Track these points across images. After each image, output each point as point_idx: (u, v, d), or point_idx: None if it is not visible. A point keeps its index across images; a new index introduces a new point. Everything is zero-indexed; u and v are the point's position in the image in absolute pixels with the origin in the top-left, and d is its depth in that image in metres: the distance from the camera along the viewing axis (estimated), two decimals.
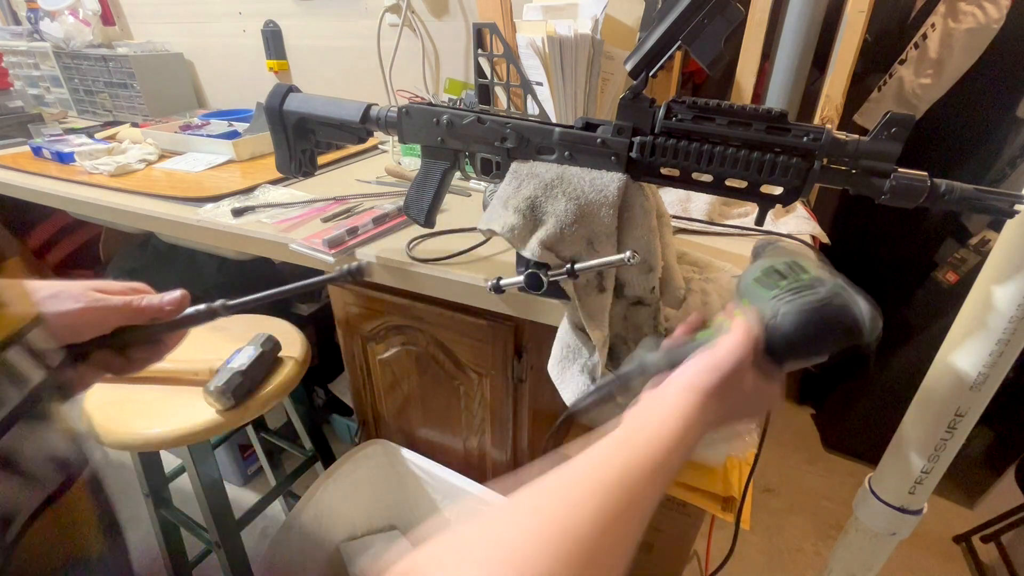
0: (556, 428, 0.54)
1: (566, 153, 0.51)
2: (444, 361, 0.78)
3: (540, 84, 0.80)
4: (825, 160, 0.43)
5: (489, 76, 0.84)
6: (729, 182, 0.47)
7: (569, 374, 0.53)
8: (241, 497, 1.45)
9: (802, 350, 0.37)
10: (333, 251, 0.68)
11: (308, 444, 1.10)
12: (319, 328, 1.39)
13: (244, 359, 0.78)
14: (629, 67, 0.46)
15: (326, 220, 0.79)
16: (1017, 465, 1.39)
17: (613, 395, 0.46)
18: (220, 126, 1.29)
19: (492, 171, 0.59)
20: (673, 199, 0.81)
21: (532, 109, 0.81)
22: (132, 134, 1.23)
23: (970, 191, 0.40)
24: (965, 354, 0.49)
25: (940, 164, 1.38)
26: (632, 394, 0.54)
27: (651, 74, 0.46)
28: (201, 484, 0.85)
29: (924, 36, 1.19)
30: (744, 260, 0.66)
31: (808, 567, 1.31)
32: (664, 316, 0.54)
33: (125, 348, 0.44)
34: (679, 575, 1.17)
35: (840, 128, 0.81)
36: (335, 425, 1.54)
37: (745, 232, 0.76)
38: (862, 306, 0.36)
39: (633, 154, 0.48)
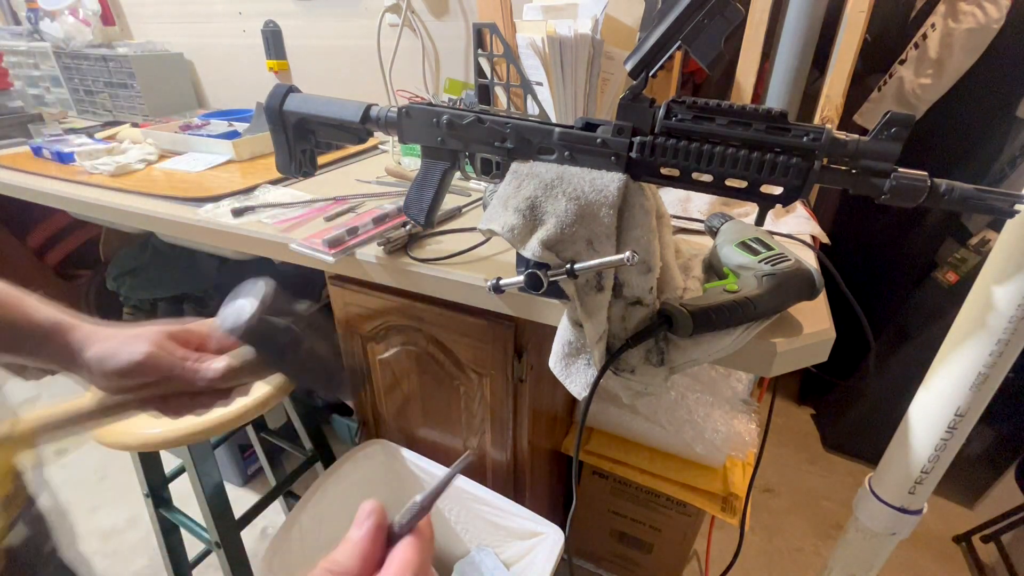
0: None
1: (566, 153, 0.51)
2: (444, 361, 0.78)
3: (540, 84, 0.80)
4: (825, 160, 0.43)
5: (489, 76, 0.84)
6: (729, 182, 0.47)
7: (575, 368, 0.53)
8: (241, 497, 1.45)
9: (783, 303, 0.51)
10: (333, 251, 0.68)
11: (308, 444, 1.10)
12: None
13: None
14: (629, 67, 0.46)
15: (329, 219, 0.79)
16: (1017, 465, 1.39)
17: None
18: (220, 126, 1.29)
19: (492, 171, 0.59)
20: (673, 199, 0.81)
21: (532, 109, 0.81)
22: (132, 134, 1.23)
23: (970, 191, 0.40)
24: (965, 354, 0.49)
25: (940, 164, 1.38)
26: (634, 393, 0.54)
27: (651, 74, 0.46)
28: (201, 484, 0.85)
29: (924, 36, 1.19)
30: None
31: (808, 567, 1.31)
32: None
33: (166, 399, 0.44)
34: (679, 575, 1.17)
35: (840, 128, 0.81)
36: (335, 425, 1.54)
37: None
38: (813, 270, 0.51)
39: (633, 154, 0.48)
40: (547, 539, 0.79)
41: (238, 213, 0.79)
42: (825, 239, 0.75)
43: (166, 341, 0.42)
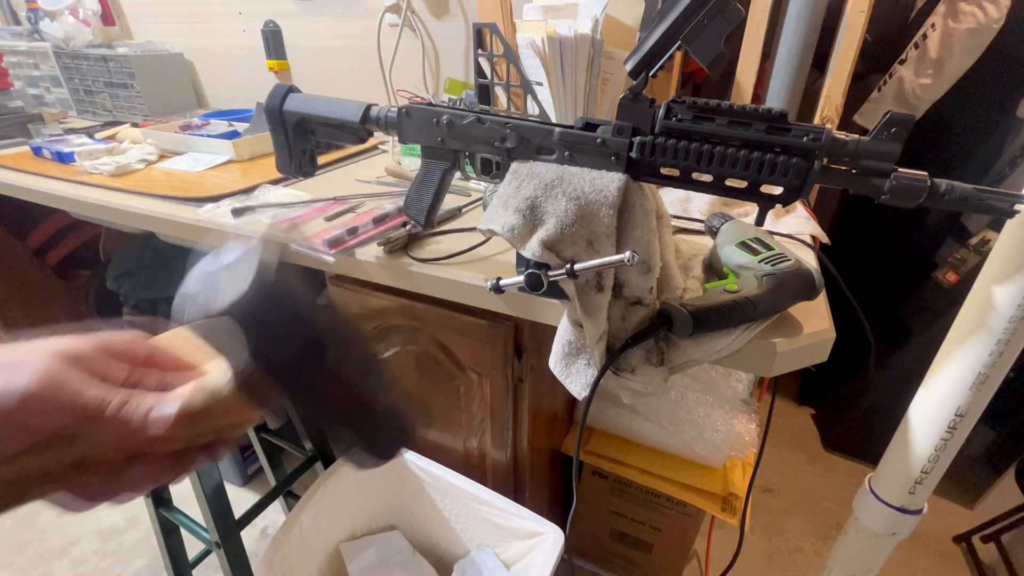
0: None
1: (566, 153, 0.51)
2: (444, 361, 0.78)
3: (540, 84, 0.80)
4: (825, 160, 0.43)
5: (489, 76, 0.84)
6: (729, 182, 0.47)
7: (575, 368, 0.53)
8: (241, 497, 1.45)
9: (783, 303, 0.50)
10: (333, 251, 0.68)
11: (308, 444, 1.10)
12: None
13: None
14: (629, 67, 0.46)
15: (329, 219, 0.79)
16: (1017, 465, 1.39)
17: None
18: (220, 126, 1.29)
19: (492, 171, 0.59)
20: (673, 199, 0.81)
21: (532, 109, 0.81)
22: (132, 134, 1.23)
23: (970, 191, 0.40)
24: (965, 354, 0.49)
25: (940, 164, 1.38)
26: (633, 393, 0.54)
27: (651, 74, 0.46)
28: (201, 484, 0.85)
29: (924, 36, 1.19)
30: None
31: (808, 567, 1.31)
32: None
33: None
34: (679, 575, 1.17)
35: (840, 128, 0.81)
36: None
37: None
38: (813, 270, 0.51)
39: (633, 154, 0.48)
40: (547, 539, 0.79)
41: (238, 213, 0.79)
42: (825, 239, 0.75)
43: (89, 356, 0.24)
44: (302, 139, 0.65)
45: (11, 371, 0.22)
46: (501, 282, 0.51)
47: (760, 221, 0.48)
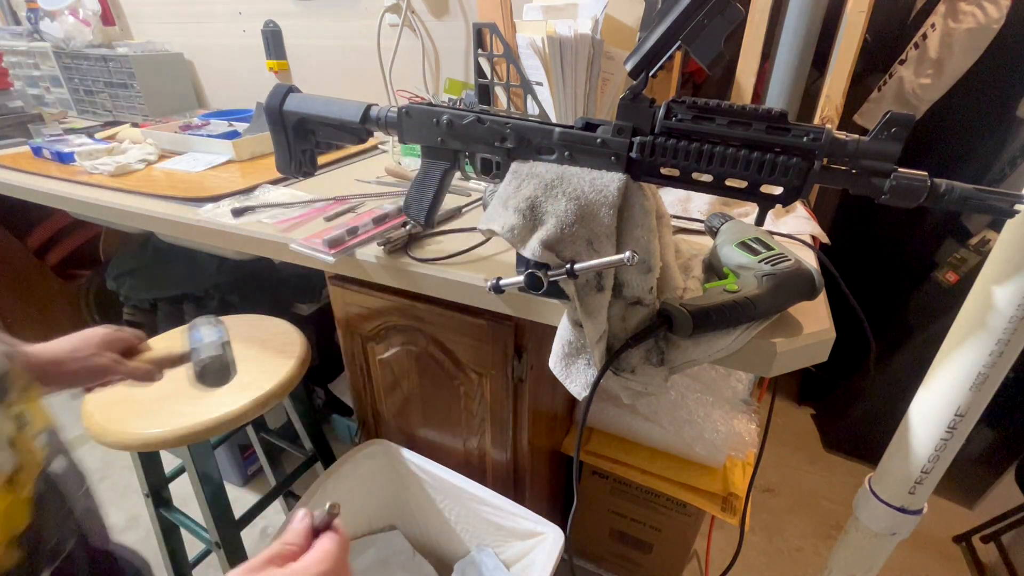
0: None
1: (566, 153, 0.51)
2: (444, 361, 0.78)
3: (540, 84, 0.80)
4: (825, 160, 0.43)
5: (489, 76, 0.84)
6: (729, 182, 0.47)
7: (575, 368, 0.53)
8: (241, 497, 1.45)
9: (783, 303, 0.51)
10: (333, 251, 0.68)
11: (308, 444, 1.10)
12: (319, 328, 1.39)
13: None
14: (629, 67, 0.46)
15: (329, 219, 0.79)
16: (1017, 465, 1.39)
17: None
18: (220, 126, 1.29)
19: (492, 171, 0.59)
20: (673, 199, 0.81)
21: (532, 109, 0.81)
22: (132, 134, 1.23)
23: (970, 191, 0.40)
24: (965, 354, 0.49)
25: (940, 164, 1.38)
26: (633, 393, 0.54)
27: (651, 74, 0.46)
28: (201, 484, 0.85)
29: (924, 36, 1.19)
30: None
31: (808, 567, 1.31)
32: None
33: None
34: (679, 575, 1.17)
35: (840, 128, 0.81)
36: (335, 425, 1.54)
37: None
38: (813, 270, 0.51)
39: (633, 154, 0.48)
40: (547, 539, 0.79)
41: (238, 213, 0.79)
42: (825, 239, 0.75)
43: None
44: (302, 139, 0.65)
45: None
46: (501, 282, 0.51)
47: (760, 221, 0.48)
